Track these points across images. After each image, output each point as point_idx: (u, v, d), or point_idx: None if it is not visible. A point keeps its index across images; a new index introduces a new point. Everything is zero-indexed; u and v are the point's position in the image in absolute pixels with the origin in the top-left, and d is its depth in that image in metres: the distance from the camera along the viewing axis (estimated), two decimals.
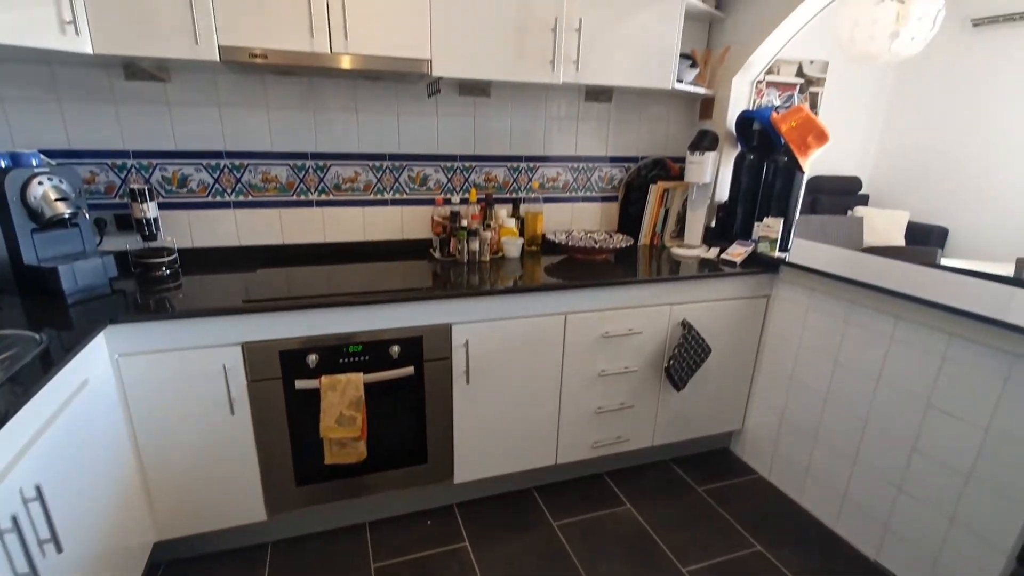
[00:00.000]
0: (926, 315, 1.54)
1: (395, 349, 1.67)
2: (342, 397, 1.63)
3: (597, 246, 2.10)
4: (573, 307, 1.84)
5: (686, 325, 1.97)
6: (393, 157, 2.07)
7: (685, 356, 1.97)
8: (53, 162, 1.65)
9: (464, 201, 2.11)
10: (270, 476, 1.67)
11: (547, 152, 2.28)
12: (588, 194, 2.41)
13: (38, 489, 1.04)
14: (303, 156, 1.96)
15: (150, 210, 1.76)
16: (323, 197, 2.03)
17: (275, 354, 1.57)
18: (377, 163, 2.05)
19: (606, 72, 1.90)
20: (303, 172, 1.98)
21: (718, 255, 2.14)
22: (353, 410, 1.64)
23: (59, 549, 1.10)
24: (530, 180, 2.29)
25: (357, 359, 1.65)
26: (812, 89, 4.35)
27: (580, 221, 2.43)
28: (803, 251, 2.11)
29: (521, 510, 1.99)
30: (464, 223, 2.00)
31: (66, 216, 1.54)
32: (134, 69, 1.64)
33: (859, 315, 1.74)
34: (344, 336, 1.62)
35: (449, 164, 2.15)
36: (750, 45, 2.11)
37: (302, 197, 2.01)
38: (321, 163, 1.99)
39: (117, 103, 1.73)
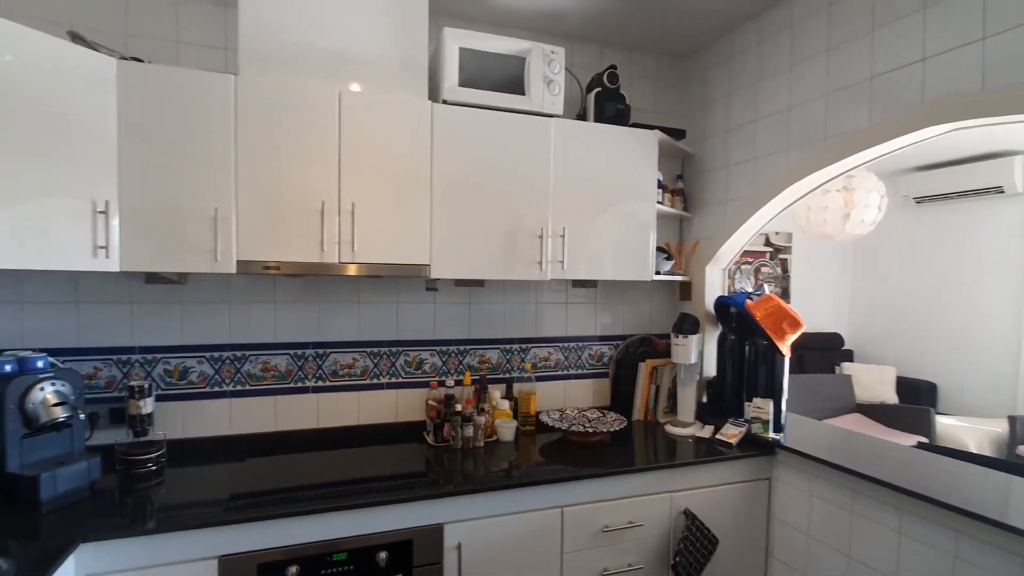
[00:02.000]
0: (928, 510, 1.50)
1: (382, 556, 1.57)
2: None
3: (592, 429, 2.10)
4: (570, 499, 1.77)
5: (689, 515, 1.89)
6: (391, 343, 2.15)
7: (692, 549, 1.86)
8: (59, 362, 1.70)
9: (458, 383, 2.15)
10: None
11: (539, 333, 2.38)
12: (580, 371, 2.47)
13: None
14: (304, 345, 2.04)
15: (146, 407, 1.77)
16: (320, 383, 2.06)
17: (252, 568, 1.47)
18: (375, 349, 2.13)
19: (590, 269, 2.07)
20: (302, 360, 2.04)
21: (713, 434, 2.13)
22: None
23: None
24: (523, 361, 2.36)
25: (342, 569, 1.54)
26: (781, 256, 4.71)
27: (573, 398, 2.45)
28: (799, 431, 2.12)
29: None
30: (458, 408, 2.01)
31: (61, 420, 1.54)
32: (155, 276, 1.78)
33: (864, 505, 1.69)
34: (328, 544, 1.52)
35: (445, 348, 2.23)
36: (717, 240, 2.34)
37: (299, 384, 2.04)
38: (321, 351, 2.06)
39: (133, 303, 1.84)
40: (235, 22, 1.65)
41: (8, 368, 1.54)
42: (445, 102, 1.86)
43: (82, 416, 1.65)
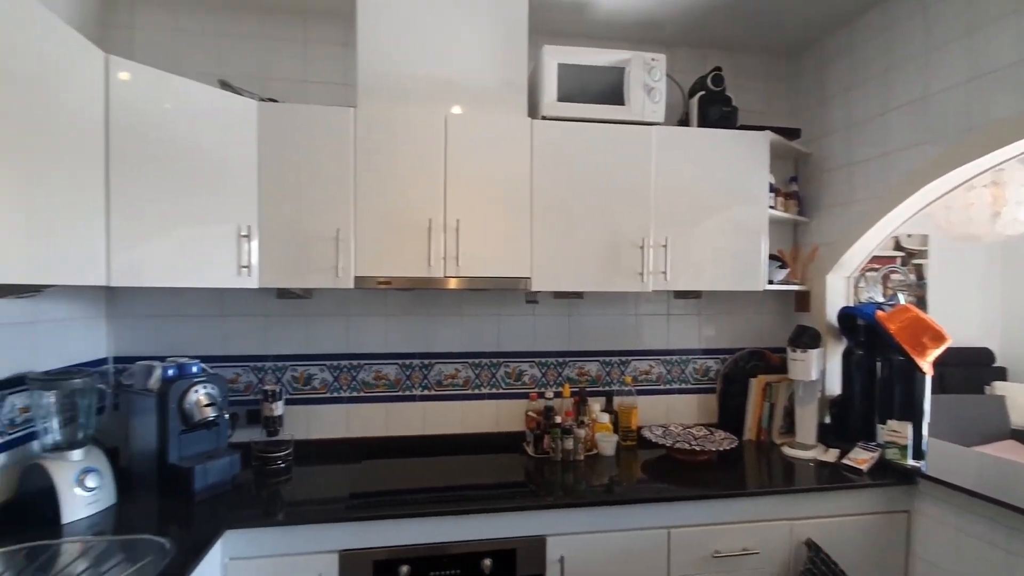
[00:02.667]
0: None
1: (487, 563, 1.60)
2: None
3: (699, 447, 2.00)
4: (677, 520, 1.70)
5: (812, 546, 1.73)
6: (492, 355, 2.20)
7: None
8: (208, 368, 1.94)
9: (558, 395, 2.15)
10: None
11: (639, 346, 2.33)
12: (683, 386, 2.37)
13: None
14: (411, 356, 2.15)
15: (277, 409, 1.96)
16: (426, 392, 2.17)
17: (368, 564, 1.56)
18: (477, 360, 2.20)
19: (694, 279, 1.99)
20: (410, 370, 2.15)
21: (839, 458, 1.94)
22: None
23: None
24: (623, 373, 2.31)
25: (449, 573, 1.59)
26: (915, 261, 4.20)
27: (676, 414, 2.36)
28: (944, 459, 1.87)
29: None
30: (558, 419, 2.01)
31: (211, 419, 1.75)
32: (285, 291, 1.97)
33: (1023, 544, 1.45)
34: (437, 547, 1.59)
35: (544, 360, 2.25)
36: (839, 246, 2.15)
37: (407, 392, 2.15)
38: (427, 362, 2.16)
39: (267, 316, 2.06)
40: (354, 60, 1.81)
41: (171, 372, 1.79)
42: (544, 118, 1.89)
43: (226, 416, 1.87)
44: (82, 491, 1.52)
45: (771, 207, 2.10)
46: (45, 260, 1.24)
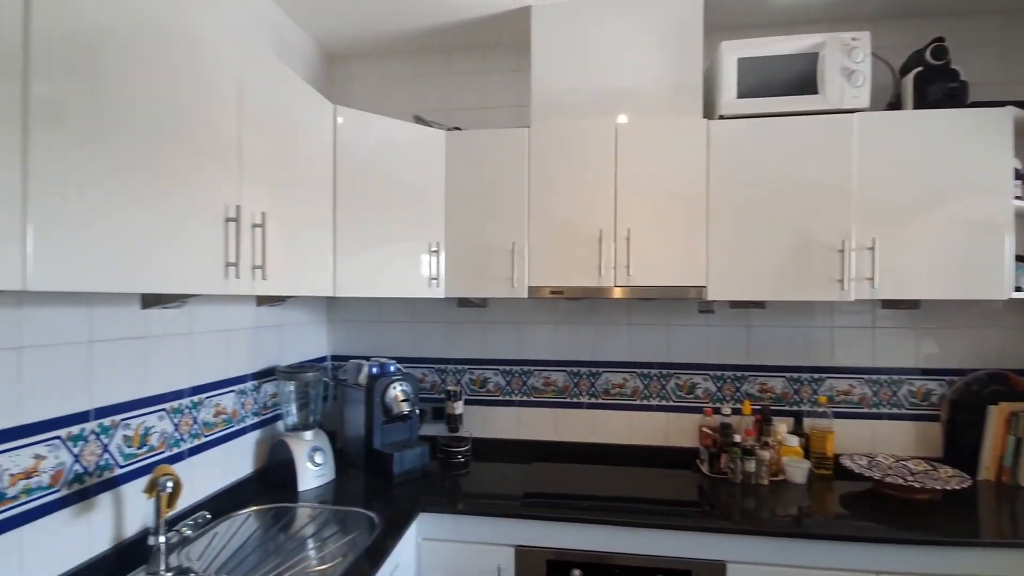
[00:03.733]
0: None
1: None
2: None
3: (918, 484, 1.69)
4: (887, 566, 1.46)
5: None
6: (662, 365, 2.14)
7: None
8: (403, 368, 2.20)
9: (736, 411, 2.00)
10: None
11: (835, 362, 2.05)
12: (894, 411, 2.03)
13: None
14: (579, 364, 2.19)
15: (458, 408, 2.15)
16: (593, 400, 2.18)
17: (542, 562, 1.62)
18: (646, 371, 2.15)
19: (910, 287, 1.70)
20: (577, 377, 2.19)
21: None
22: None
23: None
24: (815, 392, 2.06)
25: None
26: None
27: (884, 442, 2.02)
28: None
29: None
30: (737, 438, 1.87)
31: (406, 413, 1.99)
32: (465, 300, 2.16)
33: None
34: (608, 555, 1.59)
35: (719, 373, 2.11)
36: None
37: (574, 399, 2.19)
38: (594, 370, 2.18)
39: (449, 323, 2.28)
40: (526, 83, 1.93)
41: (375, 370, 2.07)
42: (722, 117, 1.80)
43: (417, 411, 2.10)
44: (312, 466, 1.84)
45: (1017, 197, 1.70)
46: (300, 277, 1.54)
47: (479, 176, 1.91)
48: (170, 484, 1.19)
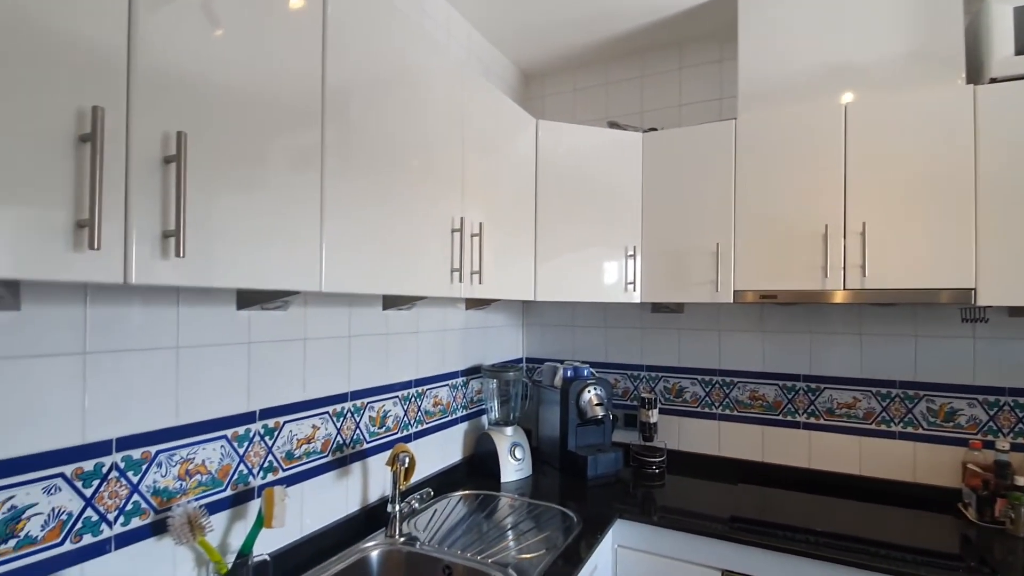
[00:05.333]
0: None
1: None
2: None
3: None
4: None
5: None
6: (907, 385, 1.79)
7: None
8: (595, 372, 2.22)
9: (1017, 448, 1.58)
10: None
11: None
12: None
13: None
14: (795, 378, 1.95)
15: (653, 416, 2.08)
16: (812, 420, 1.92)
17: None
18: (884, 390, 1.82)
19: None
20: (792, 393, 1.96)
21: None
22: None
23: None
24: None
25: None
26: None
27: None
28: None
29: None
30: (1020, 481, 1.47)
31: (599, 417, 1.99)
32: (660, 306, 2.09)
33: None
34: None
35: (992, 398, 1.69)
36: None
37: (788, 417, 1.96)
38: (814, 385, 1.92)
39: (643, 328, 2.22)
40: (726, 74, 1.80)
41: (569, 373, 2.12)
42: (993, 80, 1.45)
43: (611, 416, 2.09)
44: (512, 460, 1.96)
45: None
46: (506, 281, 1.66)
47: (678, 176, 1.84)
48: (407, 460, 1.38)
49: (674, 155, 1.84)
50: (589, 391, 2.02)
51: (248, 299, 1.15)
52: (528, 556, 1.36)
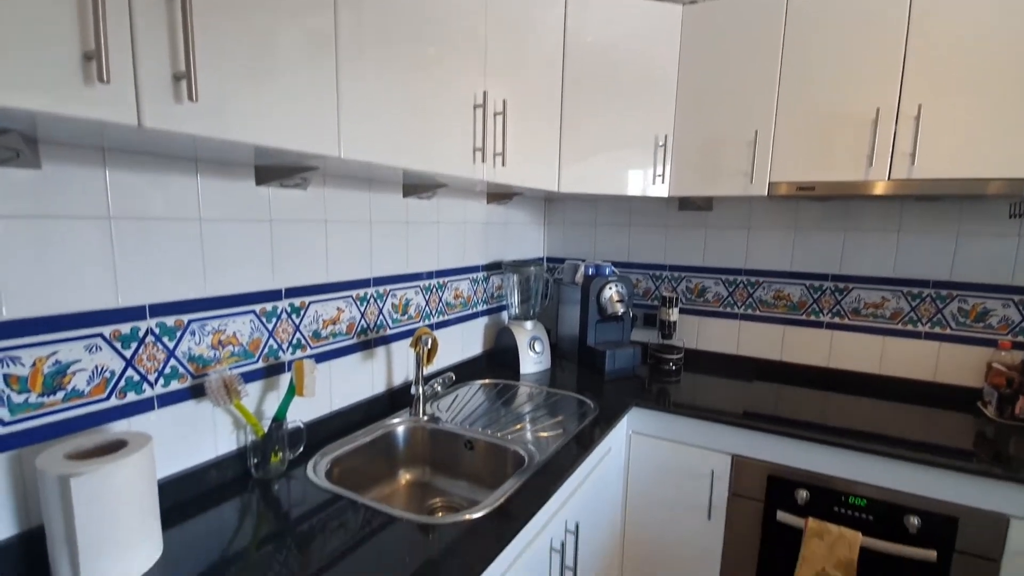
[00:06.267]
0: None
1: (913, 521, 1.35)
2: (829, 552, 1.43)
3: None
4: None
5: None
6: (939, 284, 1.74)
7: None
8: (617, 271, 2.20)
9: None
10: None
11: None
12: None
13: (577, 526, 1.34)
14: (823, 277, 1.91)
15: (673, 315, 2.08)
16: (836, 320, 1.90)
17: (763, 476, 1.54)
18: (916, 290, 1.77)
19: None
20: (819, 293, 1.92)
21: None
22: (841, 572, 1.41)
23: None
24: None
25: (857, 515, 1.42)
26: None
27: None
28: None
29: None
30: None
31: (619, 314, 2.00)
32: (687, 203, 2.02)
33: None
34: (844, 483, 1.43)
35: None
36: None
37: (812, 317, 1.94)
38: (842, 285, 1.88)
39: (667, 227, 2.17)
40: None
41: (591, 271, 2.11)
42: None
43: (631, 313, 2.10)
44: (532, 353, 2.00)
45: None
46: (530, 169, 1.58)
47: (719, 54, 1.68)
48: (430, 341, 1.41)
49: (717, 30, 1.68)
50: (610, 288, 2.01)
51: (266, 175, 1.13)
52: (545, 435, 1.42)
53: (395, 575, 0.84)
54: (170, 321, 1.02)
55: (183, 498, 1.05)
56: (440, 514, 1.37)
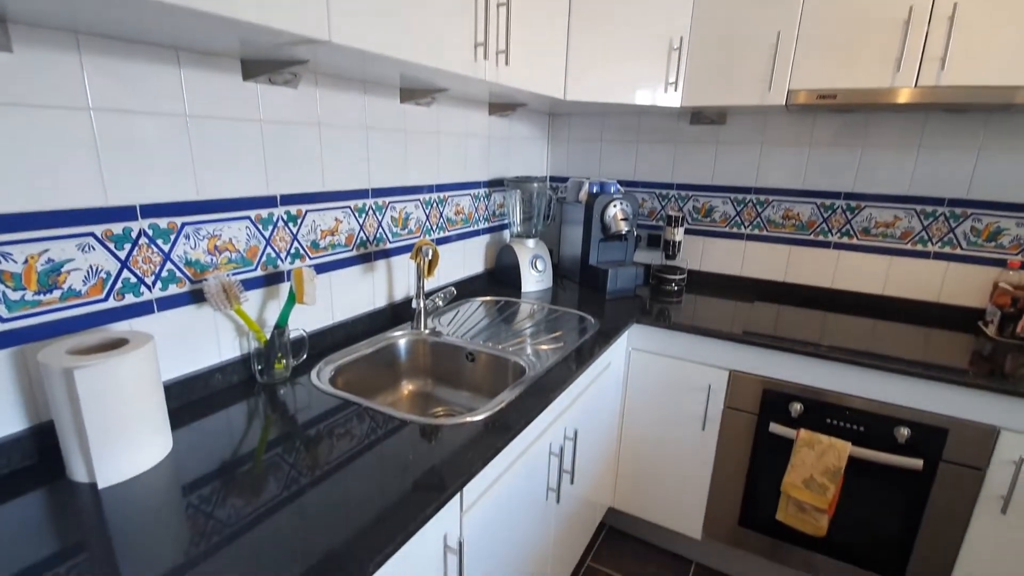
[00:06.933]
0: None
1: (903, 432, 1.39)
2: (818, 460, 1.48)
3: None
4: None
5: None
6: (954, 203, 1.69)
7: None
8: (623, 189, 2.14)
9: None
10: (716, 502, 1.70)
11: None
12: None
13: (575, 432, 1.38)
14: (835, 195, 1.85)
15: (678, 234, 2.05)
16: (844, 240, 1.87)
17: (758, 390, 1.57)
18: (929, 208, 1.73)
19: None
20: (829, 212, 1.87)
21: None
22: (827, 479, 1.47)
23: (572, 480, 1.43)
24: None
25: (847, 426, 1.46)
26: None
27: None
28: None
29: None
30: None
31: (623, 232, 1.96)
32: (700, 116, 1.92)
33: None
34: (838, 396, 1.46)
35: None
36: None
37: (820, 237, 1.91)
38: (854, 204, 1.83)
39: (676, 144, 2.08)
40: None
41: (595, 189, 2.05)
42: None
43: (635, 233, 2.07)
44: (533, 271, 1.99)
45: None
46: (534, 72, 1.49)
47: None
48: (430, 252, 1.39)
49: None
50: (615, 205, 1.97)
51: (253, 68, 1.05)
52: (546, 348, 1.43)
53: (399, 472, 0.86)
54: (163, 223, 0.99)
55: (190, 399, 1.07)
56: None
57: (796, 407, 1.51)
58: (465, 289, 1.91)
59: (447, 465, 0.88)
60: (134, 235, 0.95)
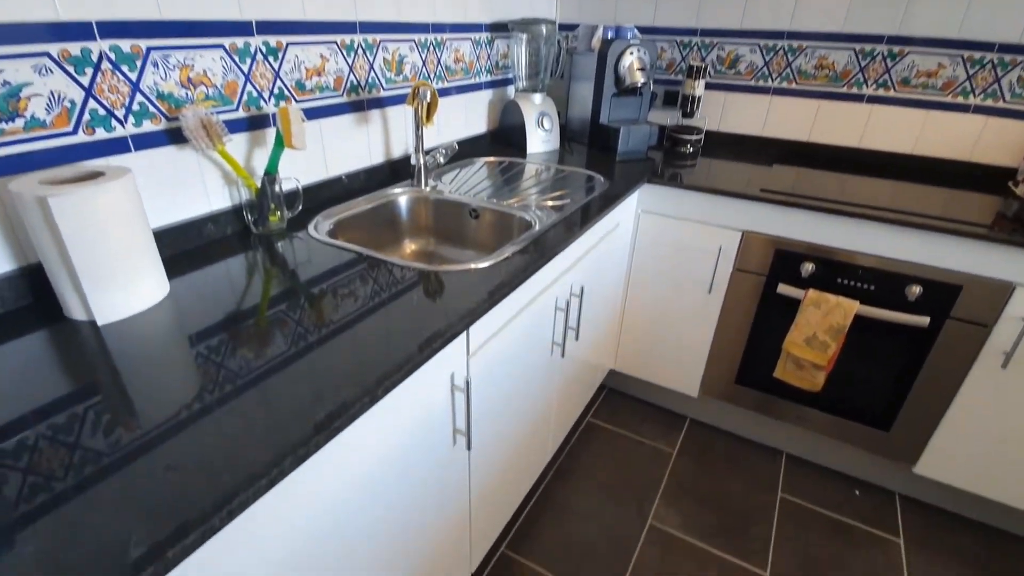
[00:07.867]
0: None
1: (914, 290, 1.37)
2: (823, 318, 1.48)
3: None
4: None
5: None
6: (1005, 48, 1.50)
7: None
8: (640, 36, 1.92)
9: None
10: (715, 362, 1.74)
11: None
12: None
13: (582, 289, 1.37)
14: (877, 39, 1.65)
15: (698, 88, 1.88)
16: (880, 92, 1.71)
17: (770, 251, 1.53)
18: (977, 54, 1.55)
19: None
20: (868, 59, 1.69)
21: None
22: (829, 337, 1.48)
23: (577, 337, 1.45)
24: None
25: (858, 285, 1.44)
26: None
27: None
28: None
29: (996, 551, 1.49)
30: None
31: (639, 85, 1.80)
32: None
33: None
34: (850, 254, 1.42)
35: None
36: None
37: (853, 90, 1.74)
38: (896, 49, 1.64)
39: None
40: None
41: (610, 35, 1.84)
42: None
43: (651, 86, 1.90)
44: (540, 130, 1.86)
45: None
46: None
47: None
48: (428, 95, 1.27)
49: None
50: (631, 53, 1.78)
51: None
52: (553, 204, 1.36)
53: (407, 318, 0.84)
54: (125, 46, 0.87)
55: (183, 248, 1.03)
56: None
57: (807, 267, 1.48)
58: (467, 150, 1.80)
59: (452, 308, 0.86)
60: (95, 58, 0.84)
